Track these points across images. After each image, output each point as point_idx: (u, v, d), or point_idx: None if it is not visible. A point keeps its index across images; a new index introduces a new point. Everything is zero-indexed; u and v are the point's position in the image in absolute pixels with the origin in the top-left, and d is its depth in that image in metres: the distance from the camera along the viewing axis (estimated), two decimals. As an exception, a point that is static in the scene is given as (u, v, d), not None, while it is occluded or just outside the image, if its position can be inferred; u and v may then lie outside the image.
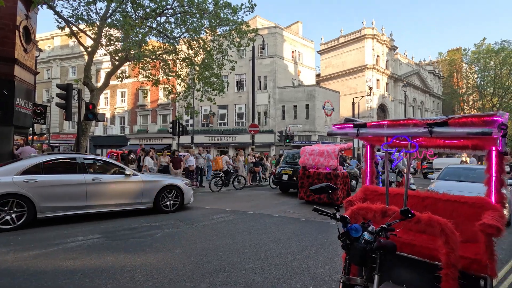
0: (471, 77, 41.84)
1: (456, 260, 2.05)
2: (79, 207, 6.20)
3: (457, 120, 2.09)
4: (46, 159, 6.17)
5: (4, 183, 5.43)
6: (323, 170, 8.99)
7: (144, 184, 7.11)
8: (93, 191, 6.33)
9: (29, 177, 5.70)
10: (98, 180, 6.45)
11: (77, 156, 6.69)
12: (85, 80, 11.32)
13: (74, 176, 6.24)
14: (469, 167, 8.60)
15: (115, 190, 6.70)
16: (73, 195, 6.12)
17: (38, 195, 5.71)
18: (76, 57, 34.40)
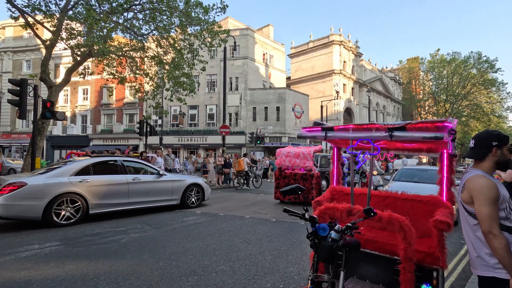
0: (427, 84, 45.36)
1: (412, 254, 2.22)
2: (122, 203, 6.96)
3: (413, 125, 2.28)
4: (94, 161, 6.90)
5: (64, 183, 6.15)
6: (299, 171, 9.35)
7: (173, 183, 8.00)
8: (133, 190, 7.13)
9: (82, 177, 6.43)
10: (137, 180, 7.27)
11: (118, 158, 7.49)
12: (42, 75, 10.51)
13: (118, 176, 7.00)
14: (422, 168, 8.82)
15: (151, 188, 7.52)
16: (117, 193, 6.86)
17: (90, 193, 6.42)
18: (32, 50, 31.77)
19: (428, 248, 2.48)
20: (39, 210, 5.80)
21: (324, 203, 2.90)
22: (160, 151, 13.99)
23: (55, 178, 6.14)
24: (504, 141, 1.74)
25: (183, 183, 8.22)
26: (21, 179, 5.94)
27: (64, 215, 6.06)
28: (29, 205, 5.74)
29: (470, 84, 39.53)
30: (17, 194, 5.65)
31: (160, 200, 7.69)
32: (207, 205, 8.69)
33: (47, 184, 5.97)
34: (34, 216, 5.80)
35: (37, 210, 5.79)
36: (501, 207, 1.64)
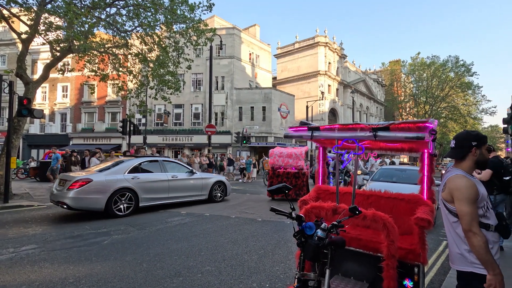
0: (408, 86, 46.84)
1: (395, 251, 2.28)
2: (164, 198, 7.95)
3: (396, 125, 2.34)
4: (141, 160, 7.90)
5: (120, 179, 7.09)
6: (291, 169, 9.97)
7: (202, 180, 9.03)
8: (172, 186, 8.13)
9: (133, 175, 7.38)
10: (175, 177, 8.24)
11: (159, 158, 8.65)
12: (19, 71, 10.04)
13: (160, 174, 7.99)
14: (400, 168, 8.76)
15: (186, 185, 8.51)
16: (161, 189, 7.85)
17: (141, 188, 7.36)
18: (7, 45, 30.30)
19: (410, 245, 2.55)
20: (102, 203, 6.71)
21: (310, 202, 2.93)
22: (144, 150, 13.70)
23: (113, 175, 7.09)
24: (483, 141, 1.81)
25: (210, 180, 9.27)
26: (87, 176, 6.84)
27: (121, 207, 6.97)
28: (95, 198, 6.65)
29: (448, 86, 41.14)
30: (85, 189, 6.57)
31: (193, 195, 8.73)
32: (193, 206, 8.58)
33: (108, 180, 6.91)
34: (98, 207, 6.70)
35: (100, 202, 6.70)
36: (479, 205, 1.71)
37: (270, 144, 27.21)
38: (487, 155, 1.82)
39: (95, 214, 6.84)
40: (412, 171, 8.08)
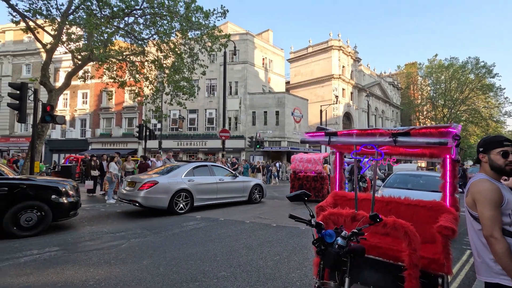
0: (425, 89, 45.63)
1: (417, 260, 2.20)
2: (213, 198, 8.87)
3: (417, 130, 2.28)
4: (194, 165, 8.93)
5: (179, 181, 8.10)
6: (310, 173, 10.87)
7: (244, 183, 9.92)
8: (220, 188, 9.03)
9: (189, 178, 8.34)
10: (222, 180, 9.14)
11: (208, 163, 9.73)
12: (43, 79, 10.51)
13: (210, 177, 8.93)
14: (415, 174, 8.22)
15: (230, 187, 9.38)
16: (210, 190, 8.79)
17: (195, 190, 8.33)
18: (32, 54, 31.82)
19: (433, 254, 2.46)
20: (166, 202, 7.69)
21: (327, 208, 2.88)
22: (159, 155, 13.95)
23: (174, 178, 8.08)
24: (490, 147, 1.74)
25: (250, 183, 10.14)
26: (153, 178, 7.84)
27: (181, 205, 7.98)
28: (160, 198, 7.66)
29: (468, 89, 39.78)
30: (153, 189, 7.60)
31: (236, 196, 9.55)
32: (210, 209, 8.64)
33: (170, 183, 7.90)
34: (162, 206, 7.68)
35: (164, 201, 7.68)
36: (505, 212, 1.64)
37: (284, 148, 27.12)
38: (498, 161, 1.73)
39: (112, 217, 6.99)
40: (429, 177, 7.62)
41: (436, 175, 7.40)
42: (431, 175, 7.75)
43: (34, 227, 5.54)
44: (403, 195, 3.25)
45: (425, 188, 6.62)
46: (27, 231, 5.46)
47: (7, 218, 5.30)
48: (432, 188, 6.44)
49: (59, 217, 5.94)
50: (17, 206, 5.39)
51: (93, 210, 8.41)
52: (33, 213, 5.55)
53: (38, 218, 5.58)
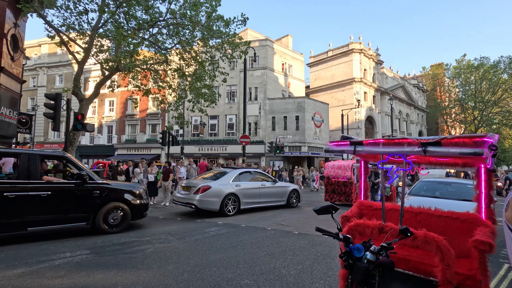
0: (453, 91, 43.56)
1: (452, 276, 2.10)
2: (256, 202, 9.55)
3: (449, 140, 2.19)
4: (240, 171, 9.66)
5: (229, 186, 8.86)
6: (342, 179, 11.87)
7: (282, 188, 10.58)
8: (262, 192, 9.73)
9: (236, 183, 9.10)
10: (264, 185, 9.86)
11: (251, 170, 10.42)
12: (75, 89, 11.14)
13: (254, 183, 9.72)
14: (444, 181, 7.62)
15: (271, 192, 10.04)
16: (254, 195, 9.50)
17: (241, 194, 9.04)
18: (64, 66, 33.87)
19: (468, 270, 2.33)
20: (218, 205, 8.44)
21: (353, 219, 2.82)
22: (182, 160, 14.28)
23: (223, 183, 8.85)
24: None
25: (288, 188, 10.79)
26: (206, 183, 8.64)
27: (229, 208, 8.70)
28: (213, 201, 8.43)
29: (501, 90, 37.54)
30: (207, 193, 8.39)
31: (276, 200, 10.18)
32: (232, 216, 8.70)
33: (221, 187, 8.67)
34: (215, 208, 8.44)
35: (216, 204, 8.44)
36: None
37: (304, 153, 26.84)
38: None
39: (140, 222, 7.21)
40: (459, 184, 7.07)
41: (468, 183, 6.96)
42: (461, 183, 7.25)
43: (118, 225, 6.43)
44: (431, 204, 3.10)
45: (455, 197, 6.19)
46: (113, 228, 6.35)
47: (99, 217, 6.19)
48: (463, 197, 6.06)
49: (136, 217, 6.83)
50: (106, 207, 6.29)
51: (119, 215, 8.72)
52: (117, 213, 6.45)
53: (121, 217, 6.47)
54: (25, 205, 5.41)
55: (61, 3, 10.44)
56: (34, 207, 5.51)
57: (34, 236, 5.67)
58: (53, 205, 5.71)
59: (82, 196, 6.06)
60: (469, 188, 6.38)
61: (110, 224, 6.32)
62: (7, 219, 5.22)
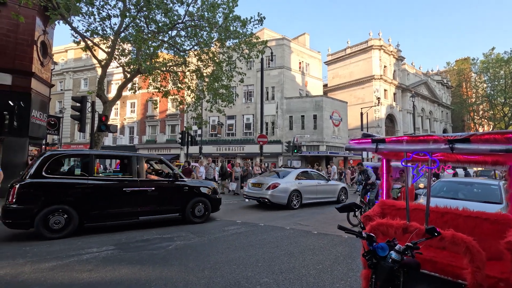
0: (480, 86, 41.39)
1: (482, 279, 2.01)
2: (313, 198, 10.59)
3: (479, 136, 2.09)
4: (300, 171, 11.06)
5: (293, 184, 10.12)
6: None
7: (334, 186, 11.54)
8: (318, 189, 10.78)
9: (298, 181, 10.31)
10: (319, 183, 10.92)
11: (308, 170, 11.67)
12: (99, 92, 11.60)
13: (311, 181, 10.81)
14: (466, 181, 7.00)
15: (324, 189, 11.02)
16: (312, 191, 10.55)
17: (303, 190, 10.18)
18: (88, 70, 35.36)
19: (500, 273, 2.22)
20: (285, 199, 9.68)
21: (375, 218, 2.76)
22: (201, 160, 14.50)
23: (289, 181, 10.04)
24: None
25: (338, 186, 11.65)
26: (275, 181, 9.93)
27: (294, 202, 9.88)
28: (282, 196, 9.69)
29: (533, 84, 35.28)
30: (277, 189, 9.69)
31: (328, 197, 11.06)
32: (249, 214, 8.75)
33: (287, 184, 9.92)
34: (283, 202, 9.68)
35: (284, 199, 9.69)
36: None
37: (322, 153, 26.50)
38: None
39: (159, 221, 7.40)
40: (482, 185, 6.48)
41: (492, 183, 6.45)
42: (485, 183, 6.67)
43: (202, 216, 7.50)
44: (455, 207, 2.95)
45: (477, 199, 5.73)
46: (199, 219, 7.45)
47: (188, 209, 7.28)
48: (487, 199, 5.66)
49: (214, 210, 7.85)
50: (192, 201, 7.35)
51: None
52: (201, 206, 7.51)
53: (204, 209, 7.54)
54: (136, 199, 6.55)
55: (86, 10, 10.91)
56: (143, 200, 6.65)
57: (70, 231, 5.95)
58: (156, 199, 6.85)
59: (176, 191, 7.20)
60: (494, 189, 6.01)
61: (196, 216, 7.40)
62: (126, 209, 6.44)
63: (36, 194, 5.61)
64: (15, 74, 10.98)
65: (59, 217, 5.70)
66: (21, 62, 11.15)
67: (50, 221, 5.61)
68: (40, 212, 5.55)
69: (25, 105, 11.06)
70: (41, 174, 5.72)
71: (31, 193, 5.59)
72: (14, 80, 10.95)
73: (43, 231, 5.55)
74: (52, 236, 5.59)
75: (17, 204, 5.45)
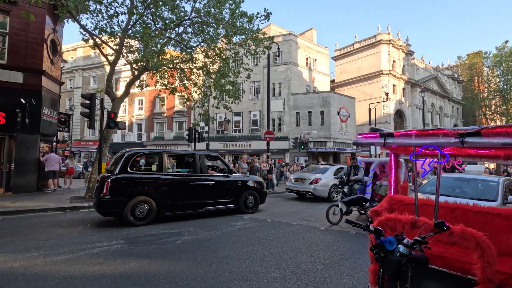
0: (493, 81, 40.33)
1: (493, 275, 1.98)
2: None
3: (491, 130, 2.04)
4: (336, 167, 11.90)
5: (331, 179, 11.03)
6: None
7: None
8: None
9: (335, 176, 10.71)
10: None
11: (342, 166, 11.60)
12: (107, 89, 11.72)
13: None
14: (463, 177, 6.70)
15: None
16: None
17: None
18: (97, 67, 35.77)
19: (511, 269, 2.18)
20: (326, 193, 10.85)
21: (383, 213, 2.74)
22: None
23: (328, 177, 11.13)
24: None
25: None
26: (317, 176, 11.20)
27: (334, 195, 10.39)
28: (323, 190, 10.92)
29: (549, 78, 34.21)
30: (319, 184, 10.94)
31: None
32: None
33: (327, 179, 11.06)
34: (324, 195, 10.87)
35: (325, 192, 10.88)
36: None
37: (329, 149, 26.33)
38: None
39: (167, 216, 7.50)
40: (481, 182, 6.16)
41: (490, 180, 6.07)
42: (483, 179, 6.32)
43: (252, 207, 8.44)
44: None
45: (471, 196, 5.35)
46: (250, 209, 8.37)
47: (241, 201, 8.23)
48: (481, 196, 5.30)
49: (261, 202, 8.77)
50: (244, 194, 8.30)
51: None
52: (251, 198, 8.45)
53: (254, 201, 8.50)
54: (201, 191, 7.51)
55: (94, 8, 11.00)
56: (206, 192, 7.59)
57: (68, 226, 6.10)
58: (216, 192, 7.80)
59: (231, 185, 8.14)
60: (491, 186, 5.66)
61: (248, 207, 8.33)
62: (193, 200, 7.38)
63: (125, 187, 6.54)
64: (26, 72, 11.20)
65: (142, 207, 6.63)
66: (32, 61, 11.36)
67: (136, 210, 6.54)
68: (129, 203, 6.46)
69: (36, 103, 11.29)
70: (127, 170, 6.65)
71: (120, 186, 6.50)
72: (26, 78, 11.17)
73: (131, 219, 6.47)
74: (137, 223, 6.50)
75: (109, 195, 6.36)
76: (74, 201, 9.69)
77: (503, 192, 5.41)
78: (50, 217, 7.47)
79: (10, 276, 3.67)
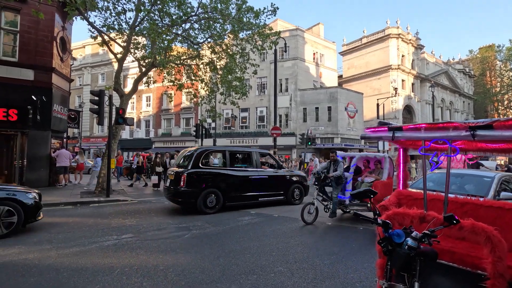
0: (506, 75, 39.35)
1: (504, 270, 1.95)
2: None
3: (503, 122, 1.99)
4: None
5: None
6: None
7: None
8: None
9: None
10: None
11: None
12: (115, 86, 11.86)
13: None
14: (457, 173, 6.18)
15: None
16: None
17: None
18: (105, 64, 36.15)
19: (523, 265, 2.14)
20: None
21: (391, 208, 2.71)
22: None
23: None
24: None
25: None
26: None
27: None
28: None
29: None
30: None
31: None
32: (263, 204, 8.80)
33: None
34: None
35: None
36: None
37: (337, 145, 26.14)
38: None
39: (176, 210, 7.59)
40: (475, 177, 5.79)
41: (485, 175, 5.71)
42: (477, 175, 5.97)
43: (299, 199, 9.19)
44: None
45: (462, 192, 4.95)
46: (297, 201, 9.12)
47: (290, 194, 9.04)
48: (473, 193, 4.92)
49: (305, 194, 9.44)
50: (292, 187, 9.11)
51: (158, 203, 9.26)
52: (297, 191, 9.25)
53: (300, 193, 9.30)
54: (257, 185, 8.47)
55: (102, 5, 11.09)
56: (261, 185, 8.55)
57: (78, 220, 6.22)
58: (269, 185, 8.72)
59: (281, 179, 9.06)
60: (485, 182, 5.33)
61: (295, 198, 9.13)
62: (252, 192, 8.35)
63: (198, 180, 7.50)
64: (37, 69, 11.39)
65: (211, 198, 7.60)
66: (42, 58, 11.55)
67: (207, 200, 7.50)
68: (201, 194, 7.41)
69: (47, 100, 11.49)
70: (199, 165, 7.63)
71: (195, 179, 7.47)
72: (36, 76, 11.37)
73: (203, 208, 7.38)
74: (209, 211, 7.43)
75: (186, 187, 7.32)
76: (84, 196, 9.89)
77: (496, 188, 5.07)
78: (61, 211, 7.64)
79: (25, 267, 3.78)
